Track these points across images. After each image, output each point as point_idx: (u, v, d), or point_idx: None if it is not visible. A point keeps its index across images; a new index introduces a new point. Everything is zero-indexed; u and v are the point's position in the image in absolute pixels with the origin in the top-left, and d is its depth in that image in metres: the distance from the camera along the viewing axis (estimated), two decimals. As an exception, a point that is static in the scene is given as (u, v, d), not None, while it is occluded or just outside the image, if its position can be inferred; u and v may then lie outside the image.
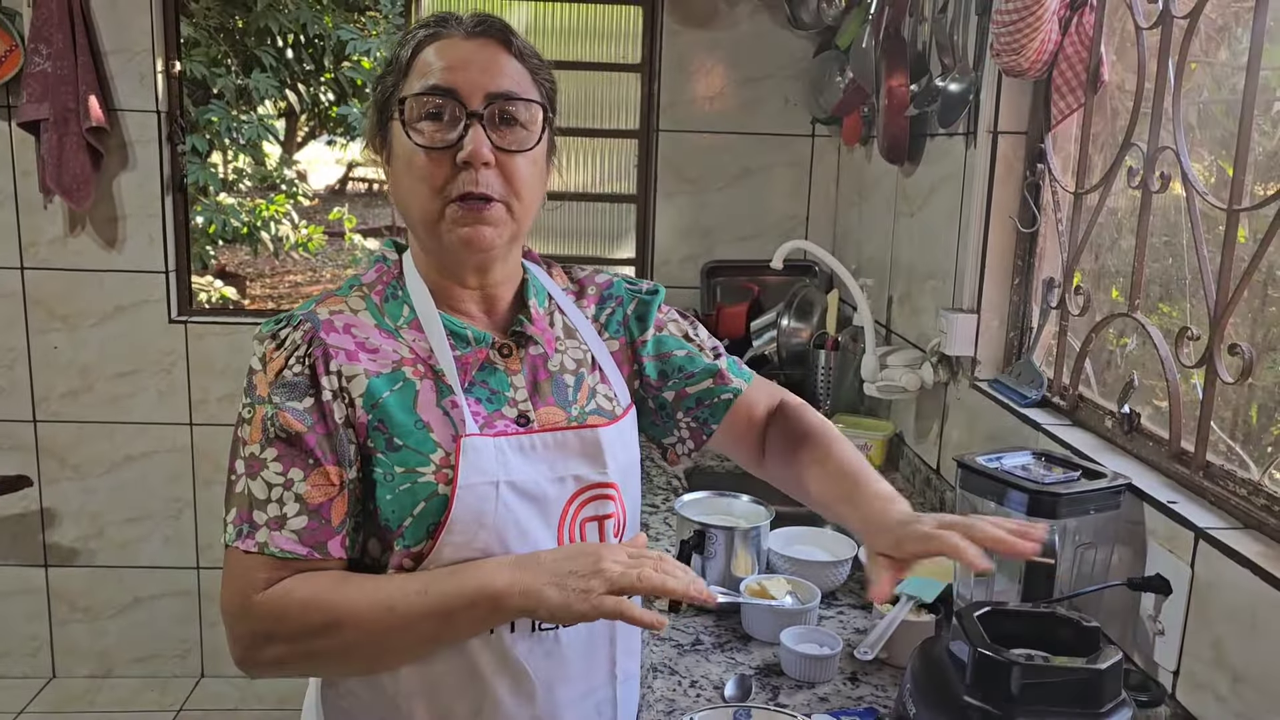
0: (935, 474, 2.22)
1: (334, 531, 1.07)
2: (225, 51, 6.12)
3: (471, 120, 1.10)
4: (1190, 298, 1.58)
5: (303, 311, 1.13)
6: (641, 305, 1.33)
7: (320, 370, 1.08)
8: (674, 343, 1.33)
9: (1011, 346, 2.03)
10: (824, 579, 1.71)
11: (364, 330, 1.14)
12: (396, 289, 1.18)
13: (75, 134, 2.95)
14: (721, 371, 1.34)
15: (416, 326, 1.15)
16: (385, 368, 1.12)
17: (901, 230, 2.57)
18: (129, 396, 3.28)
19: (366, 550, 1.13)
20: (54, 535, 3.35)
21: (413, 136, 1.10)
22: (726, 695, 1.42)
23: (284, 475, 1.06)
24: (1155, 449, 1.51)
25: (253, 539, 1.05)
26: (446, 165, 1.10)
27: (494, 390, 1.16)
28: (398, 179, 1.15)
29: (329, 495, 1.07)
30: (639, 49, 3.23)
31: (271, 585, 1.05)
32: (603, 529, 1.19)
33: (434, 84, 1.10)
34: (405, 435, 1.09)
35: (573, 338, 1.25)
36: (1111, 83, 1.75)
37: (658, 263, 3.31)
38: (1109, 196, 1.69)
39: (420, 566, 1.08)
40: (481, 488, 1.09)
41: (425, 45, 1.13)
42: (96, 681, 3.44)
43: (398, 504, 1.09)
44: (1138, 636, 1.39)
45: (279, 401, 1.07)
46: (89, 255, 3.17)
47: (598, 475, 1.17)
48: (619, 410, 1.24)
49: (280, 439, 1.07)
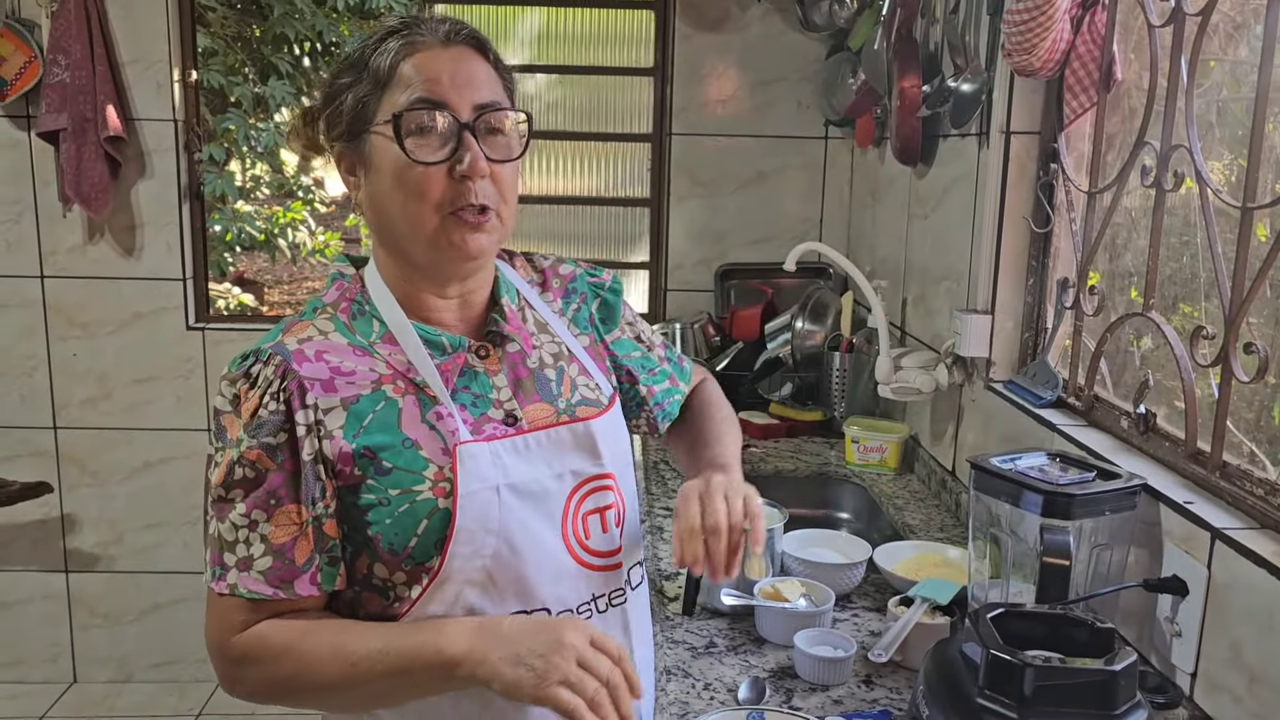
0: (950, 476, 2.21)
1: (299, 571, 1.07)
2: (242, 60, 6.16)
3: (464, 133, 1.09)
4: (1206, 299, 1.57)
5: (270, 344, 1.10)
6: (605, 306, 1.35)
7: (295, 405, 1.07)
8: (630, 345, 1.38)
9: (1026, 347, 2.02)
10: (838, 581, 1.71)
11: (337, 353, 1.11)
12: (362, 305, 1.16)
13: (93, 143, 2.98)
14: (672, 376, 1.43)
15: (390, 340, 1.14)
16: (365, 389, 1.10)
17: (915, 232, 2.56)
18: (147, 403, 3.31)
19: (373, 573, 1.11)
20: (74, 541, 3.38)
21: (409, 152, 1.08)
22: (740, 698, 1.41)
23: (247, 517, 1.07)
24: (1171, 449, 1.50)
25: (224, 580, 1.07)
26: (441, 179, 1.09)
27: (477, 394, 1.15)
28: (383, 194, 1.12)
29: (292, 535, 1.07)
30: (651, 53, 3.23)
31: (248, 627, 1.07)
32: (604, 520, 1.20)
33: (423, 97, 1.09)
34: (394, 456, 1.09)
35: (545, 331, 1.25)
36: (1126, 82, 1.74)
37: (671, 266, 3.31)
38: (1123, 196, 1.68)
39: (432, 585, 1.08)
40: (483, 494, 1.09)
41: (404, 56, 1.11)
42: (117, 686, 3.46)
43: (399, 526, 1.08)
44: (1155, 638, 1.38)
45: (251, 439, 1.06)
46: (107, 263, 3.21)
47: (595, 467, 1.19)
48: (605, 400, 1.25)
49: (245, 481, 1.06)
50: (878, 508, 2.29)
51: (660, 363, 1.41)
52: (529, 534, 1.12)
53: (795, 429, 2.74)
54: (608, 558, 1.20)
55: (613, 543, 1.21)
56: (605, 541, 1.20)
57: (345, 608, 1.14)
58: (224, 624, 1.08)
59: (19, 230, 3.17)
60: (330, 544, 1.09)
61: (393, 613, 1.11)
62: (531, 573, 1.12)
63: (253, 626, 1.08)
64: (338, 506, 1.09)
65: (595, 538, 1.19)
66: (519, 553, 1.11)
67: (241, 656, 1.07)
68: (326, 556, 1.09)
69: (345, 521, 1.10)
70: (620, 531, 1.22)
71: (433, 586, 1.08)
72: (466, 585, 1.09)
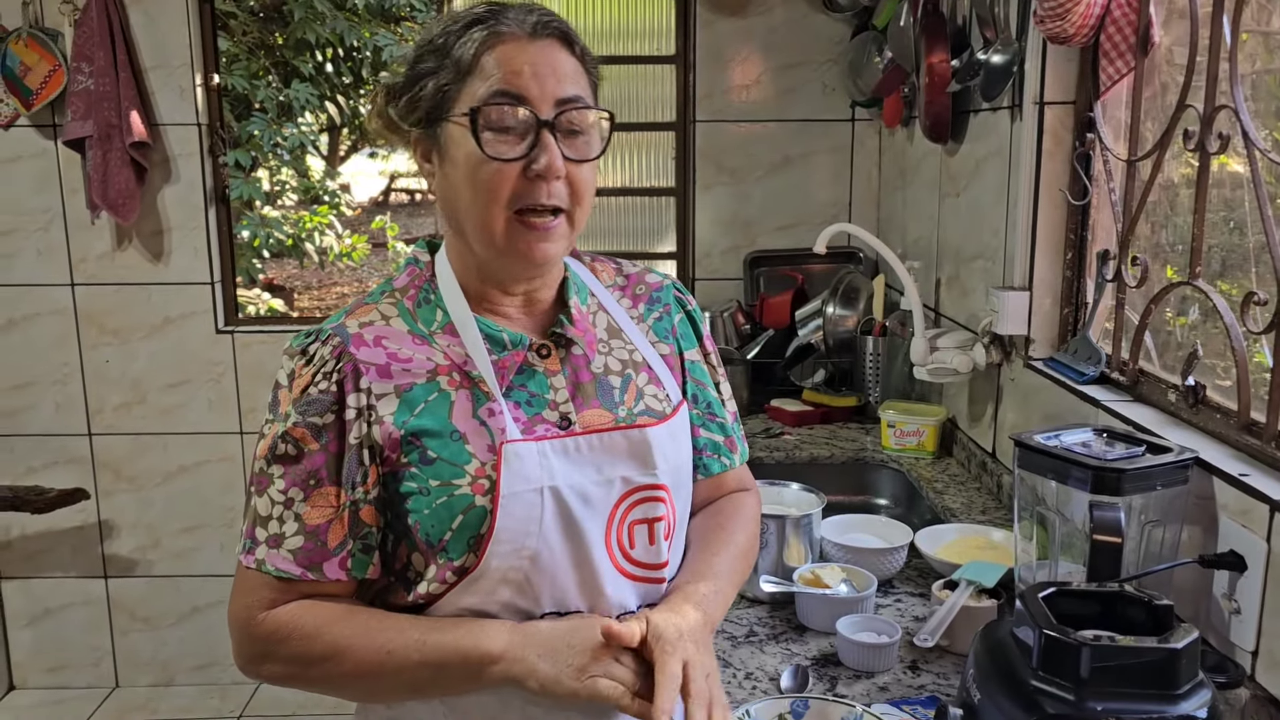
0: (991, 457, 2.17)
1: (330, 554, 1.05)
2: (265, 66, 6.20)
3: (542, 129, 1.05)
4: (1257, 265, 1.51)
5: (332, 325, 1.10)
6: (687, 322, 1.29)
7: (349, 387, 1.06)
8: (702, 372, 1.28)
9: (1066, 323, 1.97)
10: (879, 566, 1.67)
11: (396, 340, 1.10)
12: (429, 293, 1.14)
13: (119, 149, 2.99)
14: (731, 438, 1.30)
15: (451, 331, 1.12)
16: (419, 378, 1.08)
17: (947, 211, 2.51)
18: (180, 407, 3.32)
19: (411, 564, 1.10)
20: (112, 546, 3.40)
21: (484, 146, 1.05)
22: (783, 686, 1.38)
23: (285, 494, 1.05)
24: (1223, 421, 1.45)
25: (253, 555, 1.06)
26: (515, 176, 1.06)
27: (533, 393, 1.12)
28: (455, 185, 1.09)
29: (327, 517, 1.05)
30: (673, 41, 3.20)
31: (275, 606, 1.06)
32: (653, 531, 1.14)
33: (503, 89, 1.05)
34: (441, 448, 1.06)
35: (618, 337, 1.20)
36: (1159, 53, 1.68)
37: (699, 255, 3.28)
38: (1164, 164, 1.63)
39: (467, 580, 1.06)
40: (527, 495, 1.06)
41: (488, 46, 1.07)
42: (159, 690, 3.48)
43: (436, 519, 1.06)
44: (1212, 616, 1.33)
45: (298, 416, 1.05)
46: (136, 269, 3.22)
47: (646, 477, 1.12)
48: (669, 409, 1.19)
49: (287, 457, 1.05)
50: (917, 492, 2.25)
51: (724, 416, 1.30)
52: (571, 539, 1.08)
53: (829, 415, 2.70)
54: (651, 570, 1.14)
55: (658, 556, 1.14)
56: (651, 554, 1.14)
57: (370, 600, 1.12)
58: (251, 600, 1.07)
59: (48, 238, 3.19)
60: (365, 530, 1.07)
61: (417, 607, 1.09)
62: (569, 578, 1.09)
63: (283, 605, 1.06)
64: (380, 493, 1.07)
65: (640, 549, 1.13)
66: (558, 557, 1.07)
67: (271, 634, 1.06)
68: (360, 543, 1.07)
69: (388, 508, 1.08)
70: (669, 545, 1.16)
71: (468, 581, 1.06)
72: (502, 584, 1.07)
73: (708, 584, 1.15)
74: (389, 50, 6.16)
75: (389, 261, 9.12)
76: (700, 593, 1.13)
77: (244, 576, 1.08)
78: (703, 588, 1.13)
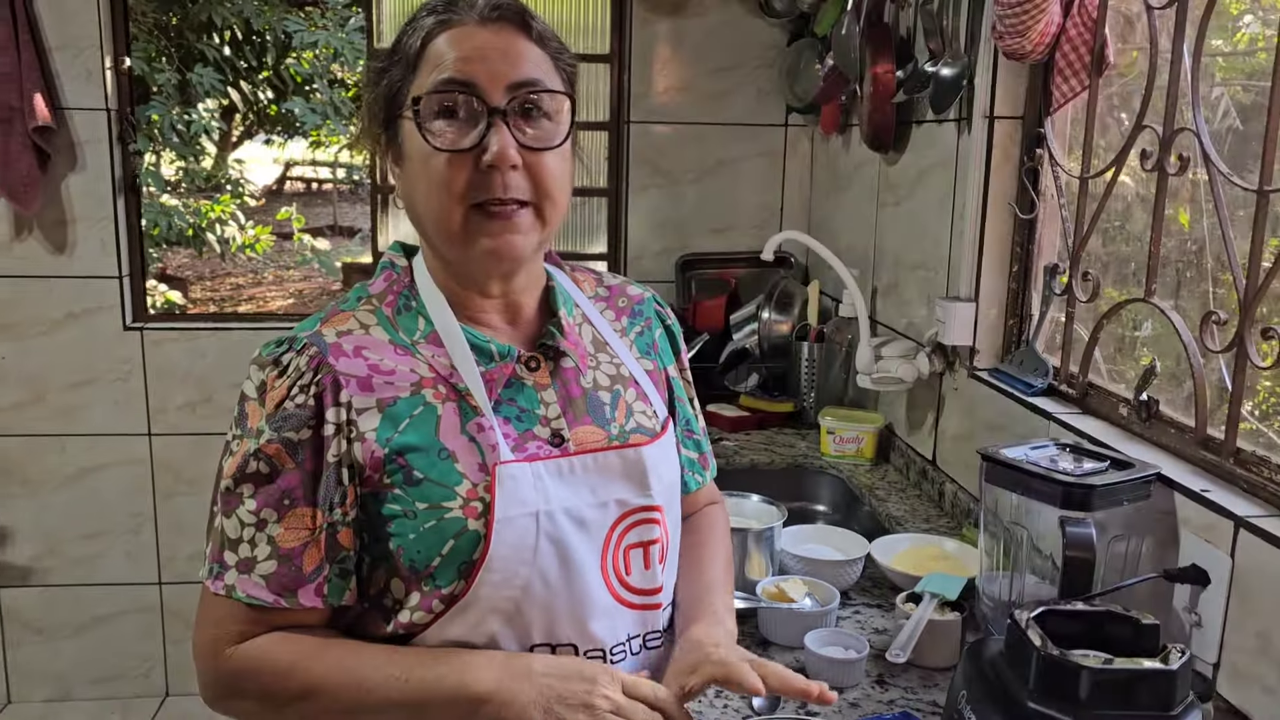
0: (931, 465, 2.19)
1: (305, 580, 0.99)
2: (164, 47, 5.92)
3: (494, 117, 1.00)
4: (1209, 282, 1.56)
5: (306, 333, 1.03)
6: (667, 337, 1.27)
7: (328, 400, 0.99)
8: (680, 388, 1.27)
9: (1011, 335, 2.00)
10: (838, 578, 1.66)
11: (377, 350, 1.04)
12: (409, 299, 1.09)
13: (20, 134, 2.80)
14: (704, 456, 1.31)
15: (435, 341, 1.06)
16: (403, 391, 1.02)
17: (885, 219, 2.54)
18: (83, 408, 3.13)
19: (389, 590, 1.03)
20: (6, 554, 3.19)
21: (429, 138, 1.00)
22: (755, 706, 1.36)
23: (256, 515, 0.99)
24: (1178, 436, 1.49)
25: (221, 580, 0.99)
26: (468, 168, 1.00)
27: (523, 408, 1.07)
28: (411, 183, 1.05)
29: (303, 540, 0.99)
30: (608, 41, 3.16)
31: (245, 639, 0.99)
32: (648, 555, 1.10)
33: (448, 77, 1.00)
34: (428, 467, 1.00)
35: (604, 351, 1.17)
36: (1113, 67, 1.72)
37: (631, 257, 3.24)
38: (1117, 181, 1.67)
39: (454, 609, 1.00)
40: (521, 520, 1.00)
41: (435, 34, 1.02)
42: (54, 705, 3.29)
43: (423, 543, 1.00)
44: (1172, 629, 1.36)
45: (272, 432, 0.99)
46: (37, 261, 3.02)
47: (642, 498, 1.09)
48: (659, 427, 1.16)
49: (259, 476, 0.99)
50: (857, 499, 2.26)
51: (698, 432, 1.30)
52: (566, 566, 1.03)
53: (765, 420, 2.70)
54: (647, 596, 1.11)
55: (654, 581, 1.11)
56: (646, 579, 1.10)
57: (346, 629, 1.05)
58: (219, 631, 1.00)
59: (-62, 226, 2.98)
60: (343, 554, 1.00)
61: (397, 637, 1.03)
62: (563, 607, 1.04)
63: (253, 639, 0.99)
64: (358, 514, 1.01)
65: (636, 574, 1.09)
66: (552, 586, 1.03)
67: (240, 670, 0.99)
68: (337, 568, 1.00)
69: (366, 531, 1.02)
70: (663, 569, 1.12)
71: (455, 610, 1.00)
72: (491, 614, 1.01)
73: (719, 596, 1.15)
74: (299, 36, 5.96)
75: (290, 254, 8.85)
76: (725, 604, 1.16)
77: (211, 604, 1.00)
78: (718, 601, 1.14)
